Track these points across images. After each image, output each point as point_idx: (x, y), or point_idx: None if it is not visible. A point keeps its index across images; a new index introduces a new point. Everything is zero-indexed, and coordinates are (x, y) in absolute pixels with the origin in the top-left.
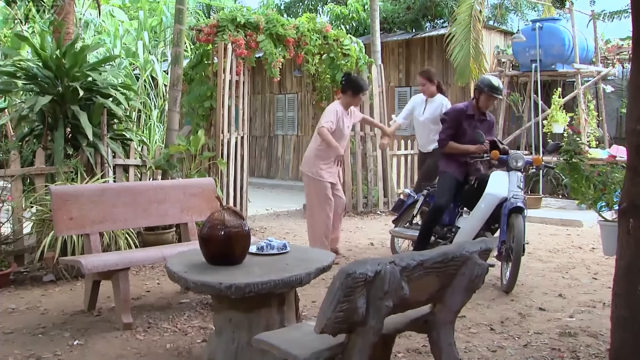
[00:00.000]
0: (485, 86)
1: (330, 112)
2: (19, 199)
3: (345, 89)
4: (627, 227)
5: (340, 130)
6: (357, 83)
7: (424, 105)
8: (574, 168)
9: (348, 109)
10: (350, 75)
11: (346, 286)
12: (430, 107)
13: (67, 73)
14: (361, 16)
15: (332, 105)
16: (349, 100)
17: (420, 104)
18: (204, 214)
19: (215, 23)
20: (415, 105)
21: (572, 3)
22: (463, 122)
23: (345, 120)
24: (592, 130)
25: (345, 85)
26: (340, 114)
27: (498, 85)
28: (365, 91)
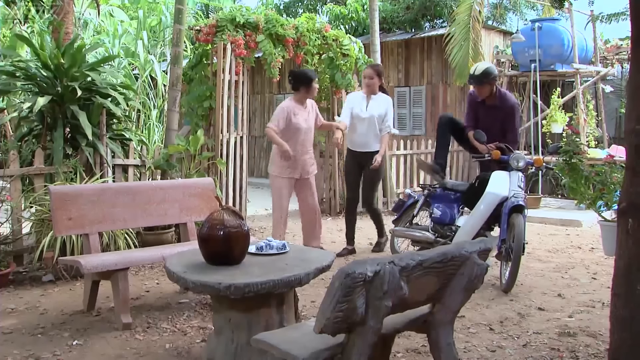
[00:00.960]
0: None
1: (277, 112)
2: (18, 199)
3: (297, 86)
4: (626, 227)
5: (295, 126)
6: (304, 76)
7: (366, 102)
8: (573, 168)
9: (304, 103)
10: (294, 72)
11: (345, 286)
12: (374, 104)
13: (66, 73)
14: (360, 16)
15: (281, 104)
16: (303, 94)
17: (360, 101)
18: (203, 214)
19: (214, 23)
20: (354, 103)
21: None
22: (476, 106)
23: (300, 114)
24: (592, 130)
25: (294, 83)
26: (289, 110)
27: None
28: (315, 78)
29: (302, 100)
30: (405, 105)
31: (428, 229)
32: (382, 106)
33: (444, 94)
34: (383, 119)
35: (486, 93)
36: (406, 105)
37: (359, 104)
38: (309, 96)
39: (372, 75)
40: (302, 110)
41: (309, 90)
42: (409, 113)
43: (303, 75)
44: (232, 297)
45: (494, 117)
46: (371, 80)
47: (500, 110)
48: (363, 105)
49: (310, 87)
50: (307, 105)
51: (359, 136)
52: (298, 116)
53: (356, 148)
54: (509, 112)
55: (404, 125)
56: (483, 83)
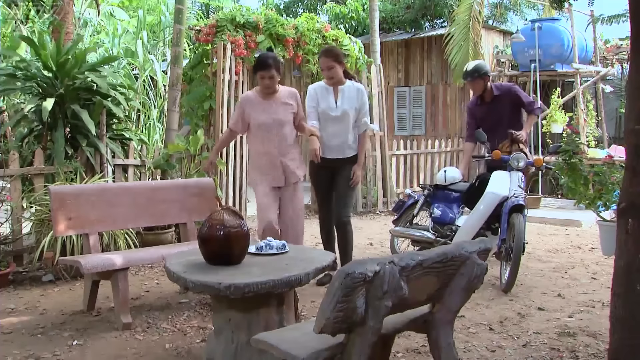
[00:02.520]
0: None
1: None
2: (18, 199)
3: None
4: (625, 227)
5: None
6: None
7: (333, 95)
8: (572, 168)
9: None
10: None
11: (345, 286)
12: (345, 96)
13: (67, 73)
14: (360, 16)
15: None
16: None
17: (326, 95)
18: (203, 214)
19: (214, 23)
20: (320, 98)
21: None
22: (476, 112)
23: (261, 107)
24: (591, 130)
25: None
26: (244, 103)
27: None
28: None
29: (261, 90)
30: (405, 105)
31: (428, 228)
32: (356, 97)
33: (444, 94)
34: (359, 114)
35: (480, 89)
36: (406, 105)
37: (326, 98)
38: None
39: (329, 64)
40: (264, 103)
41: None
42: (409, 113)
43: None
44: (232, 297)
45: (500, 108)
46: (331, 71)
47: (503, 97)
48: (331, 99)
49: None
50: (277, 98)
51: (330, 139)
52: (258, 109)
53: (327, 154)
54: (512, 93)
55: (404, 125)
56: (475, 78)
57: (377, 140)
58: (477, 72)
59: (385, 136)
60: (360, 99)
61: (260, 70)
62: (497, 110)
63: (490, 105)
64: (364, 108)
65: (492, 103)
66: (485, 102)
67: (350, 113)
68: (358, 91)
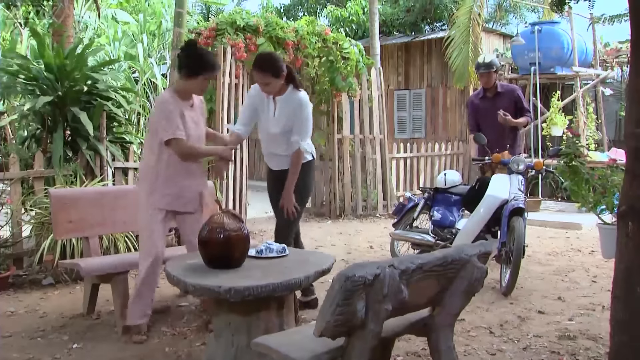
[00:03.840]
0: (477, 67)
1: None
2: (18, 202)
3: (181, 66)
4: (626, 230)
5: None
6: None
7: (272, 104)
8: (574, 171)
9: (190, 98)
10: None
11: (345, 289)
12: (283, 107)
13: (67, 75)
14: (360, 19)
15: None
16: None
17: (265, 103)
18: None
19: (214, 26)
20: (258, 104)
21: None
22: (478, 105)
23: (188, 115)
24: (591, 133)
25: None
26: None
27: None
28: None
29: (188, 94)
30: (405, 108)
31: (428, 232)
32: (294, 112)
33: (444, 97)
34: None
35: (491, 82)
36: (406, 108)
37: (265, 105)
38: (195, 90)
39: (266, 80)
40: (189, 110)
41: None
42: (409, 116)
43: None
44: (232, 300)
45: (502, 105)
46: (268, 87)
47: (506, 96)
48: (270, 108)
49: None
50: (193, 102)
51: (269, 148)
52: (187, 118)
53: (273, 166)
54: (515, 94)
55: (404, 128)
56: (490, 70)
57: (377, 144)
58: (493, 65)
59: (385, 139)
60: (298, 113)
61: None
62: (498, 106)
63: (493, 100)
64: (297, 124)
65: (494, 99)
66: (488, 97)
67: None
68: (298, 105)
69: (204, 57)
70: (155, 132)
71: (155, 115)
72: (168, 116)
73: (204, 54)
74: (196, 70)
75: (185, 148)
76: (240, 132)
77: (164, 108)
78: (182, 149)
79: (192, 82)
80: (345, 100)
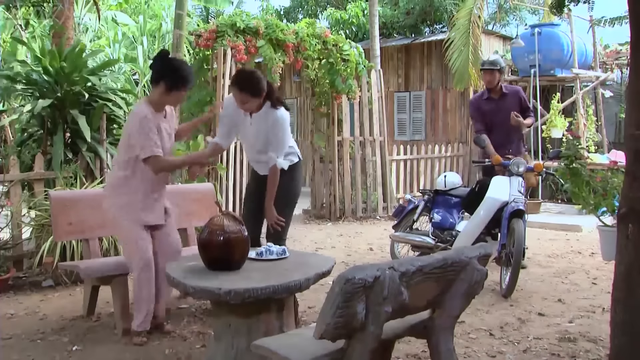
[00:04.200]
0: (483, 65)
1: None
2: (18, 204)
3: (159, 78)
4: (626, 232)
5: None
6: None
7: (249, 119)
8: (575, 173)
9: (163, 110)
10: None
11: (345, 292)
12: (259, 123)
13: (66, 78)
14: (360, 21)
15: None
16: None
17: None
18: (203, 219)
19: (214, 28)
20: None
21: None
22: (483, 106)
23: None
24: (591, 135)
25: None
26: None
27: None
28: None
29: (163, 106)
30: (405, 110)
31: (428, 234)
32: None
33: (444, 99)
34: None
35: (494, 81)
36: (406, 110)
37: (244, 123)
38: (171, 102)
39: (243, 98)
40: (163, 121)
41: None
42: (409, 118)
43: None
44: (232, 302)
45: (508, 105)
46: (245, 105)
47: (511, 97)
48: (247, 122)
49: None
50: (166, 112)
51: (252, 156)
52: (162, 131)
53: (258, 170)
54: (520, 95)
55: (404, 131)
56: (493, 68)
57: (377, 146)
58: (497, 64)
59: (385, 141)
60: (275, 131)
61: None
62: (505, 107)
63: (499, 102)
64: (273, 141)
65: (500, 100)
66: (493, 98)
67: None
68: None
69: (187, 71)
70: (130, 147)
71: (133, 130)
72: (147, 133)
73: (186, 67)
74: (179, 84)
75: (163, 164)
76: (221, 143)
77: (143, 124)
78: (160, 165)
79: (172, 95)
80: (345, 103)
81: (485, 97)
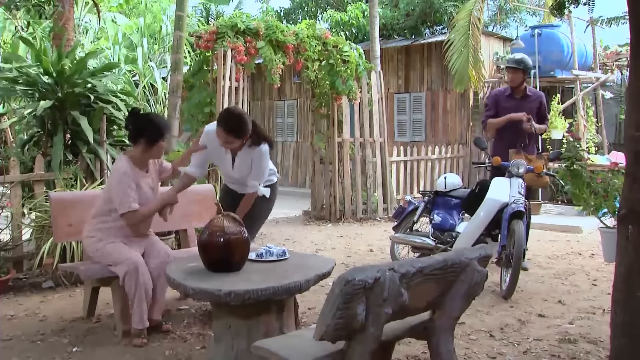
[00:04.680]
0: (508, 62)
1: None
2: (18, 205)
3: (137, 136)
4: (626, 234)
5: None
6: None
7: (230, 156)
8: (575, 175)
9: (146, 165)
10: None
11: (345, 293)
12: (241, 159)
13: (67, 79)
14: (360, 22)
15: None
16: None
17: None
18: (203, 221)
19: (214, 30)
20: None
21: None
22: (502, 102)
23: (144, 182)
24: (591, 136)
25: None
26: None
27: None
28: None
29: (143, 161)
30: (405, 111)
31: (428, 235)
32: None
33: (444, 100)
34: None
35: (517, 80)
36: (406, 112)
37: (222, 154)
38: (152, 157)
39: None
40: (144, 177)
41: (151, 148)
42: (409, 119)
43: (151, 126)
44: (232, 303)
45: (528, 106)
46: (229, 144)
47: (533, 99)
48: (227, 158)
49: (155, 146)
50: (149, 168)
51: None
52: (142, 186)
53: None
54: (542, 99)
55: (404, 132)
56: (517, 67)
57: (377, 147)
58: (521, 63)
59: (385, 142)
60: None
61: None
62: (525, 108)
63: (520, 101)
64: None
65: (521, 100)
66: (515, 97)
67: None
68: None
69: (162, 123)
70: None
71: (113, 184)
72: (125, 189)
73: (160, 119)
74: (156, 138)
75: (138, 218)
76: (194, 173)
77: (122, 180)
78: (135, 219)
79: (154, 149)
80: (345, 104)
81: (508, 94)
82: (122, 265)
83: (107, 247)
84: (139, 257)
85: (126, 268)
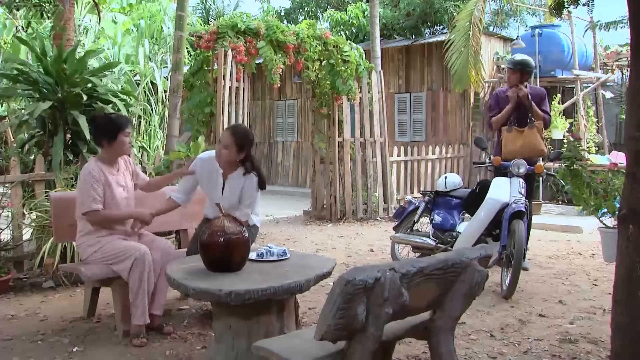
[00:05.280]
0: (508, 62)
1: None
2: (18, 205)
3: (97, 138)
4: (626, 234)
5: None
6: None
7: (221, 180)
8: (575, 175)
9: (114, 163)
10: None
11: (346, 293)
12: (233, 185)
13: (67, 79)
14: (361, 22)
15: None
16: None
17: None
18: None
19: (215, 30)
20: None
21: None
22: (503, 102)
23: (113, 181)
24: (592, 136)
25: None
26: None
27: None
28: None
29: (111, 160)
30: (406, 111)
31: (429, 235)
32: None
33: (444, 100)
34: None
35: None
36: (406, 112)
37: (213, 181)
38: (118, 153)
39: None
40: (115, 175)
41: (113, 145)
42: (409, 119)
43: (105, 124)
44: (232, 303)
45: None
46: (224, 150)
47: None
48: (218, 184)
49: (115, 141)
50: (119, 166)
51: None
52: (112, 185)
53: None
54: (544, 93)
55: (405, 132)
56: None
57: (377, 147)
58: (520, 64)
59: (385, 142)
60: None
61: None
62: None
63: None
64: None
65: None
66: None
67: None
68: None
69: (115, 119)
70: None
71: (78, 185)
72: (87, 189)
73: (113, 116)
74: (114, 134)
75: (100, 218)
76: (178, 199)
77: (86, 180)
78: (97, 219)
79: (114, 145)
80: (345, 104)
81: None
82: (128, 258)
83: (106, 248)
84: (146, 247)
85: (133, 259)
